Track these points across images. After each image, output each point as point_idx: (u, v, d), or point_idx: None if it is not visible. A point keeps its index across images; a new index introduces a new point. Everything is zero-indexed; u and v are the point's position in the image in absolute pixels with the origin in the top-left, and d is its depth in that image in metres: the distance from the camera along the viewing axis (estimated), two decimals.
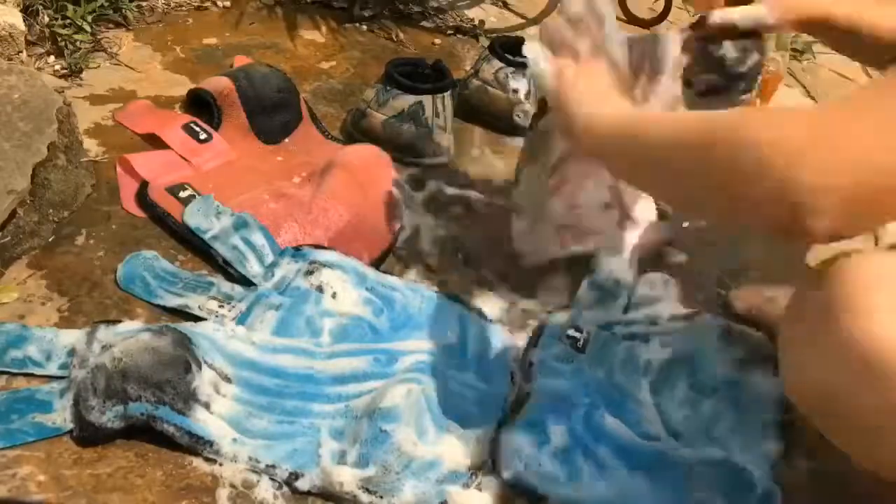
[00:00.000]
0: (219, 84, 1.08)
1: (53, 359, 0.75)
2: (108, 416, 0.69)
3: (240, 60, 1.23)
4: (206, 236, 0.90)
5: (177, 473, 0.69)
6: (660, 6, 1.60)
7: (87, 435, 0.69)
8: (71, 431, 0.70)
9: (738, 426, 0.77)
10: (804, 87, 1.57)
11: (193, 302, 0.83)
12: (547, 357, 0.80)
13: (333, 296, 0.85)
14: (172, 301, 0.83)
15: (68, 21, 1.18)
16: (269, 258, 0.89)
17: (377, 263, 0.93)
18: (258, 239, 0.90)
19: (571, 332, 0.83)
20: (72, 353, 0.75)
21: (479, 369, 0.82)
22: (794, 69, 1.61)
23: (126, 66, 1.19)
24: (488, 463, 0.73)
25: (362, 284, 0.87)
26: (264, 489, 0.69)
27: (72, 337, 0.77)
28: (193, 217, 0.91)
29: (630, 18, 1.62)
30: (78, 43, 1.17)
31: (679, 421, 0.78)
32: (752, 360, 0.80)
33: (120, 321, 0.79)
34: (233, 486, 0.69)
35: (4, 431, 0.69)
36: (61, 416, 0.70)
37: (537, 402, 0.74)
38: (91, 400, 0.69)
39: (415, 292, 0.89)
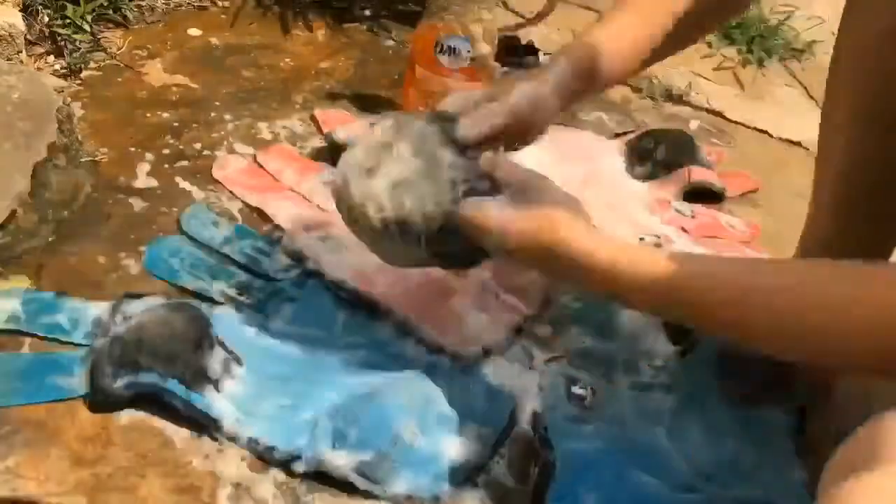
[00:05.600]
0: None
1: (80, 328, 0.79)
2: (119, 384, 0.71)
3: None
4: (212, 244, 0.91)
5: (177, 473, 0.69)
6: None
7: (99, 400, 0.72)
8: (85, 396, 0.73)
9: (761, 461, 0.77)
10: (804, 88, 1.57)
11: (214, 287, 0.85)
12: (558, 419, 0.78)
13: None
14: (193, 284, 0.85)
15: (68, 21, 1.18)
16: (284, 260, 0.90)
17: None
18: (266, 245, 0.92)
19: (576, 389, 0.82)
20: (97, 323, 0.79)
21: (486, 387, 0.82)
22: (793, 69, 1.61)
23: (126, 65, 1.19)
24: (488, 464, 0.73)
25: None
26: (264, 488, 0.69)
27: (99, 308, 0.80)
28: (191, 227, 0.92)
29: None
30: (78, 43, 1.17)
31: (706, 464, 0.76)
32: (755, 393, 0.80)
33: (145, 294, 0.81)
34: (233, 485, 0.69)
35: (25, 389, 0.72)
36: (79, 380, 0.74)
37: (562, 471, 0.72)
38: (106, 367, 0.72)
39: None
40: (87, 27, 1.19)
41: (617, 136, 1.25)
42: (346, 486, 0.70)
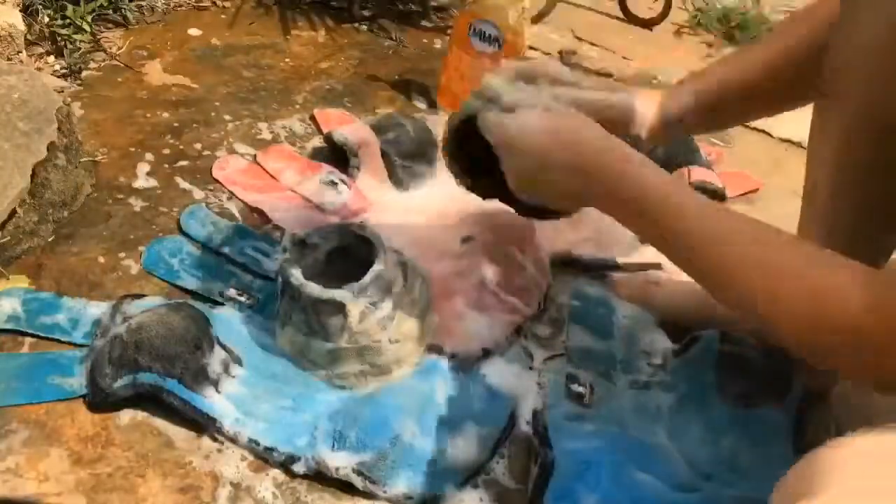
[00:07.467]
0: (359, 134, 1.06)
1: (80, 328, 0.79)
2: (118, 384, 0.71)
3: None
4: (211, 244, 0.91)
5: (177, 473, 0.69)
6: (659, 6, 1.60)
7: (98, 399, 0.72)
8: (85, 396, 0.73)
9: (760, 460, 0.77)
10: None
11: (214, 287, 0.86)
12: (557, 417, 0.78)
13: None
14: (193, 284, 0.86)
15: (68, 21, 1.18)
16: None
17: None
18: (264, 245, 0.92)
19: (575, 387, 0.81)
20: (97, 323, 0.79)
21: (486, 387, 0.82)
22: None
23: (126, 65, 1.19)
24: (486, 465, 0.73)
25: None
26: (264, 488, 0.69)
27: (99, 309, 0.80)
28: (191, 227, 0.93)
29: (630, 18, 1.62)
30: (77, 43, 1.17)
31: (704, 463, 0.76)
32: (754, 392, 0.80)
33: (144, 295, 0.81)
34: (233, 485, 0.69)
35: (25, 389, 0.73)
36: (79, 380, 0.74)
37: (562, 470, 0.71)
38: (105, 367, 0.72)
39: None
40: (87, 27, 1.19)
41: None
42: (346, 487, 0.70)
